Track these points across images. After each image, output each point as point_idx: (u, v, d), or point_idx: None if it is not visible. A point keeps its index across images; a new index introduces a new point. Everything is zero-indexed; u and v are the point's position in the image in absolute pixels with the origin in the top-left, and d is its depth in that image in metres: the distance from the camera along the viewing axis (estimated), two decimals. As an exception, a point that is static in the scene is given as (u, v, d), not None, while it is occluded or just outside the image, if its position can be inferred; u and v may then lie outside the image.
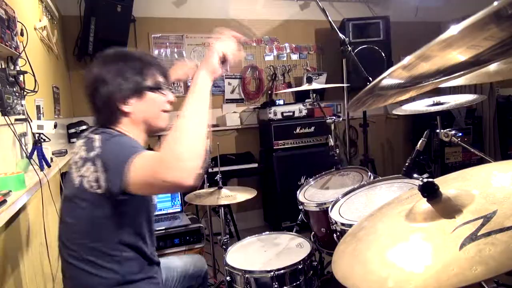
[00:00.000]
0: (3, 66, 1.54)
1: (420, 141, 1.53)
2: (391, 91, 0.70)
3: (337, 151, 2.16)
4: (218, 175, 2.17)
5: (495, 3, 0.40)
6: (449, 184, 0.77)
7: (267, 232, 1.95)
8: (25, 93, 1.67)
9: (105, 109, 1.21)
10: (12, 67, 1.60)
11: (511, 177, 0.70)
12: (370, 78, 2.22)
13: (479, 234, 0.55)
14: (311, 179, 2.13)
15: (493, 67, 0.88)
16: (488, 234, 0.54)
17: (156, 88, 1.25)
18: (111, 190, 1.05)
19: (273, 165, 3.64)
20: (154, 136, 1.40)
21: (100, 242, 1.13)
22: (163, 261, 1.49)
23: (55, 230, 1.90)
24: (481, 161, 1.58)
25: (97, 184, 1.07)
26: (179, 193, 2.77)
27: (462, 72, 0.62)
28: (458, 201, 0.67)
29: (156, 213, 2.60)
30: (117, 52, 1.26)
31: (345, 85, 2.53)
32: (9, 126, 1.43)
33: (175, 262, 1.57)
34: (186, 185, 0.94)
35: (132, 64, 1.22)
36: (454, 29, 0.45)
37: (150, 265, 1.26)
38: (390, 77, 0.62)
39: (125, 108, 1.21)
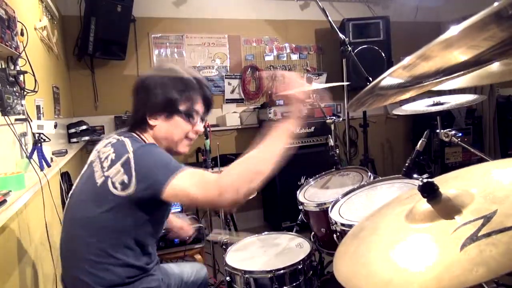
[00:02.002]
0: (3, 66, 1.54)
1: (420, 141, 1.54)
2: (391, 91, 0.70)
3: (337, 151, 2.16)
4: (218, 175, 2.17)
5: (496, 4, 0.40)
6: (449, 184, 0.77)
7: (267, 232, 1.95)
8: (25, 93, 1.67)
9: (136, 113, 1.27)
10: (12, 67, 1.60)
11: (511, 176, 0.70)
12: (370, 78, 2.22)
13: (479, 234, 0.55)
14: (311, 179, 2.13)
15: (494, 68, 0.88)
16: (489, 234, 0.53)
17: (187, 114, 1.28)
18: (138, 195, 1.08)
19: (273, 165, 3.63)
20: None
21: (105, 243, 1.13)
22: (163, 267, 1.49)
23: (55, 230, 1.90)
24: (481, 161, 1.58)
25: (123, 186, 1.09)
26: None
27: (462, 72, 0.62)
28: (458, 201, 0.67)
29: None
30: (171, 66, 1.31)
31: (345, 83, 2.53)
32: (9, 126, 1.43)
33: (175, 270, 1.57)
34: (224, 207, 1.02)
35: (176, 83, 1.26)
36: (454, 30, 0.45)
37: (149, 264, 1.26)
38: (390, 77, 0.62)
39: (151, 121, 1.25)
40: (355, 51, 3.83)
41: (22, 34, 1.66)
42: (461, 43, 0.49)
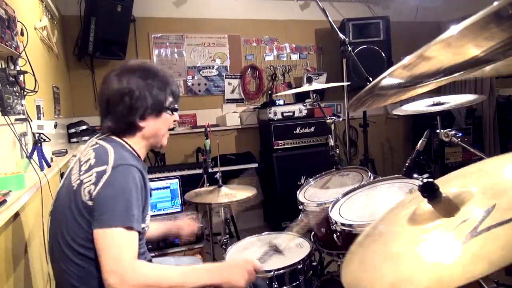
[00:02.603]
0: (3, 66, 1.54)
1: (420, 141, 1.53)
2: (391, 91, 0.70)
3: (337, 151, 2.16)
4: (218, 174, 2.17)
5: (495, 3, 0.40)
6: (449, 183, 0.77)
7: (267, 232, 1.95)
8: (25, 93, 1.67)
9: (123, 119, 1.23)
10: (12, 67, 1.60)
11: (507, 170, 0.71)
12: (370, 78, 2.22)
13: (479, 229, 0.55)
14: (311, 179, 2.13)
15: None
16: (488, 229, 0.54)
17: (172, 109, 1.30)
18: (93, 215, 1.08)
19: (273, 165, 3.64)
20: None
21: (84, 247, 1.12)
22: (160, 261, 1.49)
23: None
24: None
25: (89, 196, 1.09)
26: (179, 193, 2.77)
27: (462, 72, 0.62)
28: (458, 199, 0.67)
29: (156, 213, 2.60)
30: (145, 65, 1.28)
31: (345, 83, 2.53)
32: (9, 126, 1.43)
33: (172, 263, 1.56)
34: None
35: (158, 82, 1.26)
36: (454, 29, 0.45)
37: None
38: (390, 77, 0.62)
39: (141, 123, 1.24)
40: (355, 51, 3.83)
41: (22, 34, 1.66)
42: (461, 43, 0.49)
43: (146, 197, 1.19)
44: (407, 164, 1.46)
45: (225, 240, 1.91)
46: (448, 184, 0.76)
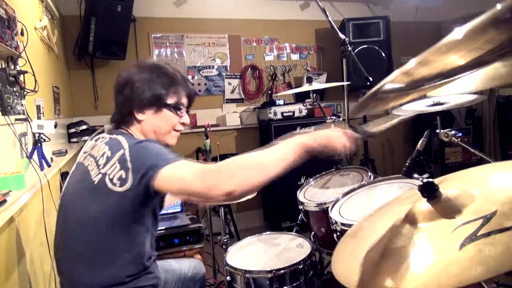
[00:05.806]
0: (3, 66, 1.54)
1: (421, 141, 1.53)
2: (392, 94, 0.70)
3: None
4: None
5: (498, 6, 0.40)
6: (449, 184, 0.77)
7: (267, 232, 1.95)
8: (25, 93, 1.67)
9: (122, 108, 1.28)
10: (12, 67, 1.60)
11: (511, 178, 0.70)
12: (370, 78, 2.22)
13: (479, 234, 0.55)
14: (311, 179, 2.13)
15: (492, 72, 0.88)
16: (488, 234, 0.54)
17: (175, 108, 1.31)
18: (135, 189, 1.08)
19: (273, 165, 3.64)
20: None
21: (104, 240, 1.13)
22: (161, 264, 1.50)
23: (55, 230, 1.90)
24: (481, 161, 1.57)
25: (121, 182, 1.09)
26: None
27: (463, 74, 0.62)
28: (458, 201, 0.67)
29: (156, 213, 2.60)
30: (155, 63, 1.33)
31: (345, 83, 2.52)
32: (9, 126, 1.43)
33: (173, 266, 1.58)
34: (216, 200, 1.03)
35: (162, 79, 1.28)
36: (456, 34, 0.44)
37: (148, 261, 1.26)
38: (392, 83, 0.62)
39: (139, 116, 1.27)
40: (355, 51, 3.83)
41: (22, 34, 1.66)
42: (461, 47, 0.49)
43: None
44: (407, 164, 1.46)
45: (225, 240, 1.91)
46: (448, 185, 0.76)
